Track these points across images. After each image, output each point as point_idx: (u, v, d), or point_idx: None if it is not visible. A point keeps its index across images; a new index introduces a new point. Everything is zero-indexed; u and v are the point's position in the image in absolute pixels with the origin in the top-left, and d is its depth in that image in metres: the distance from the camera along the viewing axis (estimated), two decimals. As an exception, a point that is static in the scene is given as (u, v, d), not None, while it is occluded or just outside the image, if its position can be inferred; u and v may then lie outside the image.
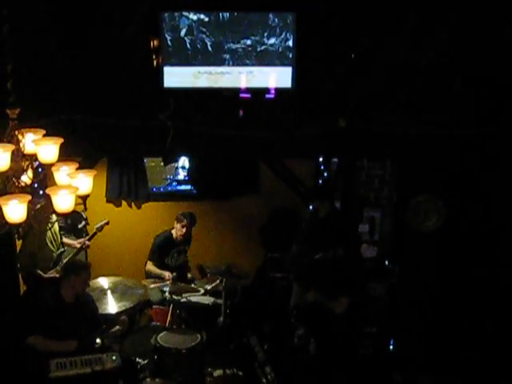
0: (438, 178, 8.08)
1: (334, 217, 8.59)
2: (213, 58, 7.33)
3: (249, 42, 7.30)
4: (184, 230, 9.26)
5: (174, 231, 9.37)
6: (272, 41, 7.31)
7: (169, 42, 7.25)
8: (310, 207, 9.27)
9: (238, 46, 7.31)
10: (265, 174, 10.76)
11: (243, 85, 7.37)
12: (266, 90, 7.48)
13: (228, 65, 7.34)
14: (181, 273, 9.21)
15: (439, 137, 7.42)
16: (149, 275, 9.21)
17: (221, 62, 7.34)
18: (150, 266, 9.25)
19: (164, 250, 9.32)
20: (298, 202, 10.54)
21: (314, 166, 10.57)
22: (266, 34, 7.29)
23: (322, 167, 10.36)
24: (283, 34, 7.29)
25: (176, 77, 7.37)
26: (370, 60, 7.32)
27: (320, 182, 10.40)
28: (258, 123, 7.50)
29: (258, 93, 7.51)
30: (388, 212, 9.37)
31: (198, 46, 7.28)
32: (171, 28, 7.22)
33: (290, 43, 7.31)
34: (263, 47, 7.33)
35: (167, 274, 9.00)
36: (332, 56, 7.28)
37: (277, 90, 7.45)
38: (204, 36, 7.25)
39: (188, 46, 7.28)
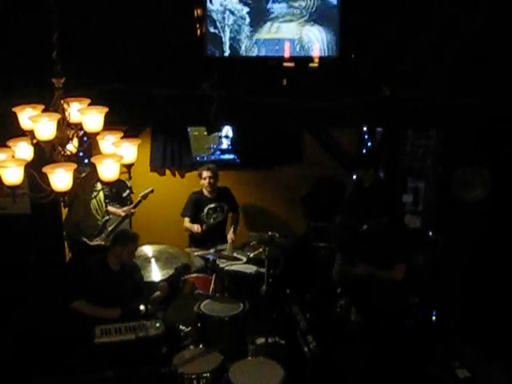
0: (484, 148, 7.98)
1: (378, 187, 8.54)
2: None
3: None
4: (206, 181, 9.21)
5: (203, 188, 9.39)
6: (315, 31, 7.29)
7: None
8: (354, 177, 9.22)
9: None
10: (308, 143, 10.73)
11: (287, 53, 7.33)
12: (310, 59, 7.43)
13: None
14: (217, 233, 9.31)
15: (485, 106, 7.32)
16: (196, 241, 9.29)
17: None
18: (187, 223, 9.27)
19: (196, 205, 9.30)
20: (342, 171, 10.49)
21: (358, 136, 10.52)
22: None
23: (366, 137, 10.30)
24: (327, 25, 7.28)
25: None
26: (415, 28, 7.22)
27: (364, 151, 10.34)
28: (302, 92, 7.46)
29: (302, 61, 7.46)
30: (432, 182, 9.28)
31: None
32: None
33: (334, 35, 7.27)
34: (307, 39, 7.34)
35: (195, 227, 9.08)
36: (377, 25, 7.19)
37: (321, 58, 7.40)
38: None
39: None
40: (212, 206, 9.29)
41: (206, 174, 9.14)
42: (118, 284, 7.01)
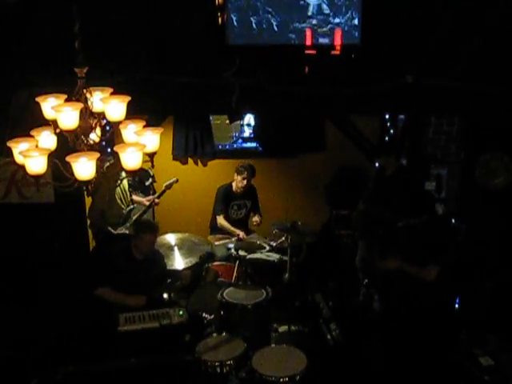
0: (507, 136, 7.92)
1: (401, 175, 8.50)
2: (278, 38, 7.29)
3: (314, 21, 7.22)
4: (245, 182, 9.20)
5: (234, 183, 9.36)
6: (338, 20, 7.22)
7: (235, 23, 7.21)
8: (376, 165, 9.19)
9: (304, 25, 7.23)
10: (330, 130, 10.71)
11: (308, 41, 7.30)
12: (332, 47, 7.40)
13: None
14: (242, 224, 9.35)
15: (508, 92, 7.26)
16: (221, 230, 9.26)
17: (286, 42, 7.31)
18: (222, 221, 9.24)
19: (226, 200, 9.33)
20: (364, 159, 10.47)
21: (380, 123, 10.48)
22: (331, 13, 7.20)
23: (389, 124, 10.26)
24: (349, 12, 7.19)
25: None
26: (437, 15, 7.17)
27: (386, 138, 10.30)
28: (324, 80, 7.44)
29: (324, 49, 7.43)
30: (455, 169, 9.23)
31: (264, 26, 7.23)
32: (237, 8, 7.19)
33: (356, 22, 7.20)
34: (329, 26, 7.25)
35: (241, 234, 9.01)
36: (399, 12, 7.14)
37: (343, 46, 7.37)
38: (270, 16, 7.20)
39: (254, 26, 7.23)
40: (237, 202, 9.33)
41: (246, 174, 9.19)
42: (141, 272, 7.07)
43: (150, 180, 9.86)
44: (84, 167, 4.20)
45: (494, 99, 7.38)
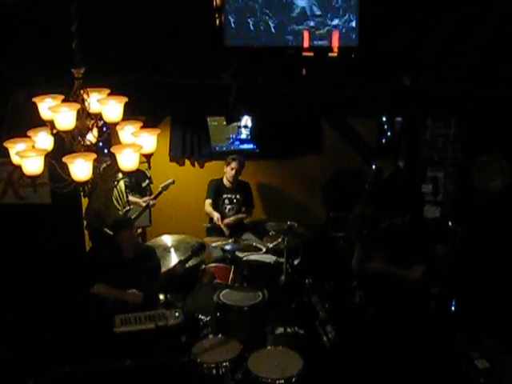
0: (504, 138, 7.92)
1: (398, 177, 8.51)
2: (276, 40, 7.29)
3: (312, 23, 7.22)
4: (233, 172, 9.24)
5: (224, 177, 9.42)
6: (335, 22, 7.21)
7: (232, 24, 7.21)
8: (373, 167, 9.19)
9: (301, 27, 7.23)
10: (327, 133, 10.71)
11: (306, 43, 7.30)
12: (330, 49, 7.39)
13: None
14: (235, 230, 9.29)
15: (506, 95, 7.26)
16: (216, 231, 9.27)
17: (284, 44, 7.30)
18: (207, 205, 9.32)
19: (216, 192, 9.36)
20: (361, 161, 10.47)
21: (378, 125, 10.48)
22: (329, 15, 7.20)
23: (386, 126, 10.26)
24: (346, 15, 7.19)
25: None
26: (436, 17, 7.17)
27: (383, 141, 10.31)
28: (321, 82, 7.44)
29: (321, 51, 7.43)
30: (452, 172, 9.24)
31: (261, 27, 7.23)
32: (234, 10, 7.19)
33: (354, 24, 7.21)
34: (326, 28, 7.24)
35: (216, 216, 9.12)
36: (397, 14, 7.14)
37: (340, 47, 7.37)
38: (267, 18, 7.20)
39: (251, 27, 7.23)
40: (229, 196, 9.31)
41: (234, 164, 9.18)
42: (134, 271, 7.06)
43: (147, 181, 9.85)
44: (81, 168, 4.19)
45: (492, 101, 7.38)
